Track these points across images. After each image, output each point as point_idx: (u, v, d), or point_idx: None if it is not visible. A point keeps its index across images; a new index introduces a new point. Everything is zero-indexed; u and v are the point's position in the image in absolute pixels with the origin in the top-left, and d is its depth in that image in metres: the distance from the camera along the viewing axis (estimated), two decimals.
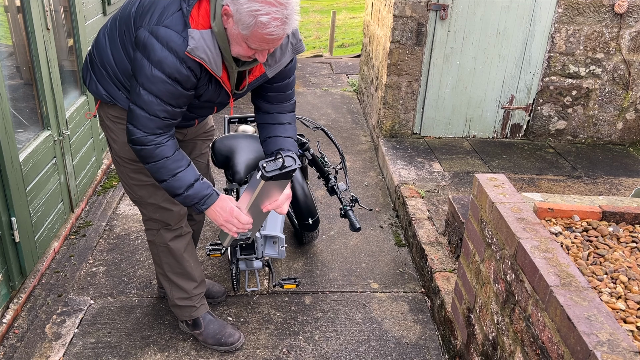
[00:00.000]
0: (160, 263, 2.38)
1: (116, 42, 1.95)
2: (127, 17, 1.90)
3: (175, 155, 1.89)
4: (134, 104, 1.83)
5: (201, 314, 2.46)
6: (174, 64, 1.73)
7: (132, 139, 1.86)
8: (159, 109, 1.81)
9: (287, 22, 1.67)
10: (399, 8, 4.24)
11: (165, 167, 1.88)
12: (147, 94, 1.78)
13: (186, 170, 1.90)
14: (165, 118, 1.84)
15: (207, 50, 1.74)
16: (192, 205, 1.93)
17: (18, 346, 2.45)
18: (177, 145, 1.93)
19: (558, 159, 4.40)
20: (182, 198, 1.91)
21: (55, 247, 3.10)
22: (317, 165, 3.03)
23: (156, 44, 1.72)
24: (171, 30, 1.72)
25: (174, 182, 1.89)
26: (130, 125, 1.85)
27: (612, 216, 2.15)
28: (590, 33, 4.34)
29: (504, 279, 1.87)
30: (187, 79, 1.79)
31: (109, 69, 2.00)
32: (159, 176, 1.90)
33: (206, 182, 1.93)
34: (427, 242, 3.08)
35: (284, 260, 3.16)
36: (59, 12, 3.47)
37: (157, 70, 1.74)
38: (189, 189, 1.89)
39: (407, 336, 2.62)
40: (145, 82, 1.77)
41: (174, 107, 1.84)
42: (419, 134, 4.72)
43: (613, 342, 1.33)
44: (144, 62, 1.75)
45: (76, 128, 3.51)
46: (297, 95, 6.20)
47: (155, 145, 1.86)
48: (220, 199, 1.93)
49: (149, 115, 1.82)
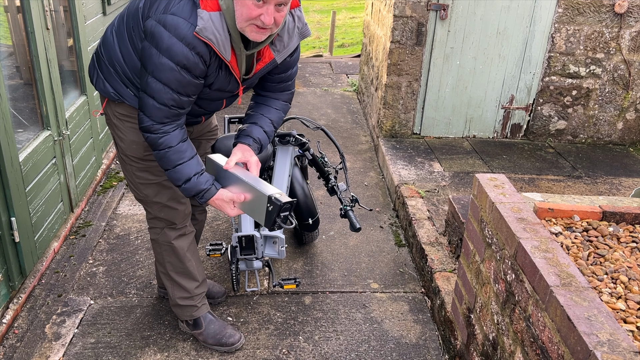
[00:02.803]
0: (163, 262, 2.38)
1: (124, 39, 1.96)
2: (135, 12, 1.90)
3: (179, 146, 1.93)
4: (143, 92, 1.85)
5: (202, 313, 2.46)
6: (182, 50, 1.74)
7: (142, 127, 1.91)
8: (168, 97, 1.83)
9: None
10: (399, 8, 4.24)
11: (167, 158, 1.93)
12: (156, 82, 1.80)
13: (187, 163, 1.95)
14: (173, 107, 1.87)
15: (215, 32, 1.75)
16: (191, 196, 2.00)
17: (18, 346, 2.45)
18: (184, 137, 1.96)
19: (558, 159, 4.40)
20: (181, 189, 1.98)
21: (55, 247, 3.10)
22: (317, 165, 3.03)
23: (164, 32, 1.73)
24: (178, 17, 1.73)
25: (174, 173, 1.95)
26: (141, 112, 1.90)
27: (612, 216, 2.15)
28: (590, 33, 4.34)
29: (504, 279, 1.87)
30: (196, 66, 1.80)
31: (117, 67, 2.00)
32: (162, 164, 1.97)
33: (205, 177, 1.98)
34: (427, 242, 3.08)
35: (284, 261, 3.16)
36: (59, 12, 3.47)
37: (165, 58, 1.76)
38: (187, 182, 1.95)
39: (407, 336, 2.62)
40: (154, 70, 1.78)
41: (182, 95, 1.86)
42: (419, 134, 4.72)
43: (613, 342, 1.33)
44: (152, 51, 1.76)
45: (76, 128, 3.51)
46: (297, 95, 6.20)
47: (161, 134, 1.90)
48: (219, 193, 1.99)
49: (158, 104, 1.84)
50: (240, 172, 2.01)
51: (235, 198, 1.97)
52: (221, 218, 3.57)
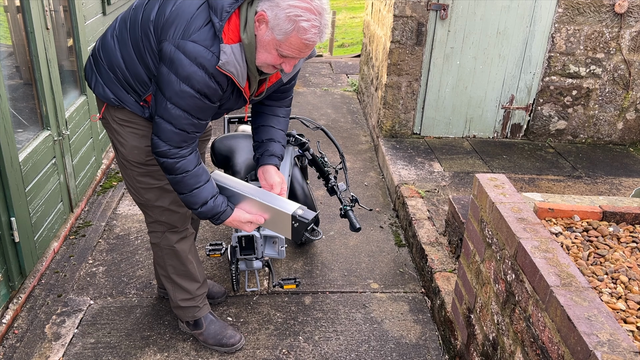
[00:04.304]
0: (164, 265, 2.37)
1: (128, 46, 1.91)
2: (144, 23, 1.85)
3: (195, 170, 1.93)
4: (160, 118, 1.84)
5: (204, 314, 2.46)
6: (203, 79, 1.74)
7: (157, 152, 1.90)
8: (187, 122, 1.84)
9: (323, 32, 1.73)
10: (399, 8, 4.24)
11: (184, 182, 1.93)
12: (175, 109, 1.80)
13: (203, 187, 1.95)
14: (192, 132, 1.87)
15: (236, 64, 1.76)
16: (209, 219, 2.00)
17: (18, 346, 2.44)
18: (199, 160, 1.96)
19: (558, 159, 4.39)
20: (197, 212, 1.98)
21: (55, 247, 3.10)
22: (317, 165, 3.03)
23: (184, 59, 1.72)
24: (199, 46, 1.72)
25: (190, 197, 1.96)
26: (156, 137, 1.88)
27: (613, 216, 2.15)
28: (590, 33, 4.34)
29: (504, 279, 1.87)
30: (215, 93, 1.81)
31: (118, 72, 1.96)
32: (177, 189, 1.97)
33: (220, 199, 1.99)
34: (427, 242, 3.08)
35: (284, 261, 3.15)
36: (59, 12, 3.47)
37: (185, 86, 1.75)
38: (203, 206, 1.96)
39: (407, 336, 2.62)
40: (174, 96, 1.78)
41: (201, 120, 1.87)
42: (419, 134, 4.72)
43: (613, 342, 1.33)
44: (172, 77, 1.75)
45: (76, 128, 3.51)
46: (297, 95, 6.20)
47: (178, 158, 1.89)
48: (235, 214, 2.02)
49: (176, 130, 1.84)
50: (250, 191, 2.01)
51: (254, 220, 2.02)
52: None
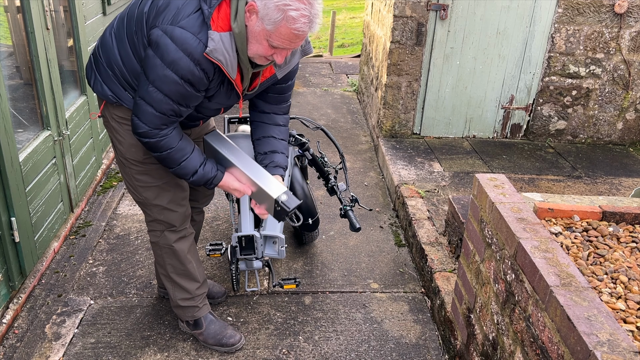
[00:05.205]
0: (164, 264, 2.37)
1: (124, 42, 1.94)
2: (139, 16, 1.88)
3: (179, 144, 1.96)
4: (141, 99, 1.85)
5: (203, 314, 2.46)
6: (187, 65, 1.75)
7: (138, 132, 1.92)
8: (167, 107, 1.85)
9: (313, 21, 1.72)
10: (399, 8, 4.24)
11: (170, 158, 1.97)
12: (157, 92, 1.81)
13: (190, 158, 1.99)
14: (171, 116, 1.89)
15: (225, 53, 1.76)
16: (202, 185, 2.07)
17: (18, 346, 2.45)
18: (181, 134, 1.98)
19: (558, 159, 4.40)
20: (190, 181, 2.04)
21: (55, 247, 3.10)
22: (317, 165, 3.03)
23: (170, 45, 1.73)
24: (187, 32, 1.73)
25: (180, 170, 2.00)
26: (136, 118, 1.90)
27: (612, 216, 2.15)
28: (590, 33, 4.34)
29: (504, 279, 1.87)
30: (200, 81, 1.81)
31: (116, 69, 1.99)
32: (165, 164, 2.01)
33: (209, 165, 2.04)
34: (427, 242, 3.08)
35: (284, 260, 3.16)
36: (59, 12, 3.47)
37: (170, 71, 1.76)
38: (194, 175, 2.02)
39: (407, 336, 2.62)
40: (157, 80, 1.79)
41: (182, 106, 1.88)
42: (419, 134, 4.72)
43: (613, 342, 1.33)
44: (157, 61, 1.76)
45: (76, 128, 3.51)
46: (297, 95, 6.21)
47: (160, 137, 1.92)
48: (225, 179, 2.09)
49: (156, 113, 1.85)
50: (242, 162, 2.09)
51: (242, 189, 2.10)
52: (221, 218, 3.57)
